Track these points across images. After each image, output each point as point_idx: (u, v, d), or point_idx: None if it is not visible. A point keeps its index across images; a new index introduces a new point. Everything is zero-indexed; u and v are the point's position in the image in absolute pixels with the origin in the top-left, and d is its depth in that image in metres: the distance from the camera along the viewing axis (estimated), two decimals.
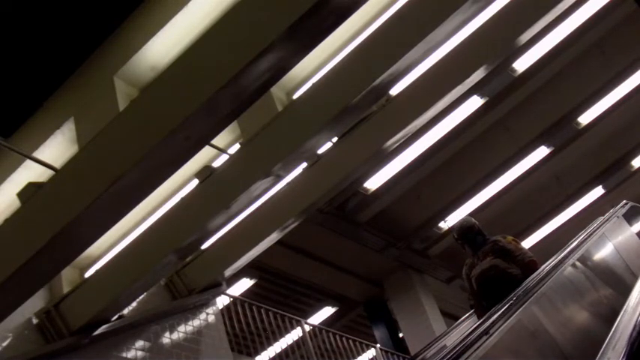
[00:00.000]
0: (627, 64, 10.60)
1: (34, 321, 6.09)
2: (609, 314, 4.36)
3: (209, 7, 6.09)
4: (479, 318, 5.45)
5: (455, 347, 3.34)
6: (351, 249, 11.93)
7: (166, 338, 6.87)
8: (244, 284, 11.54)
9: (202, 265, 7.35)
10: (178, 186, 7.19)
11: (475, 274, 5.66)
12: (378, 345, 11.22)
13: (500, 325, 3.35)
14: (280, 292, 12.66)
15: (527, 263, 5.46)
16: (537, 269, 5.11)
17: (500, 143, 11.10)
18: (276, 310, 9.04)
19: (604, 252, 5.86)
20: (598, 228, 6.05)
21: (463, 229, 5.97)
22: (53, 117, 6.93)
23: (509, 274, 5.41)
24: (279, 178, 5.80)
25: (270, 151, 5.65)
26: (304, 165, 6.60)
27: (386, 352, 10.93)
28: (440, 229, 12.44)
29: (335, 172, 6.55)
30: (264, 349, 9.16)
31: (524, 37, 5.71)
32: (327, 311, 13.71)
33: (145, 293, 6.69)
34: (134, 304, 6.71)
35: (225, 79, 3.88)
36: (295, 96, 6.56)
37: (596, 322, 4.51)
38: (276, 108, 6.15)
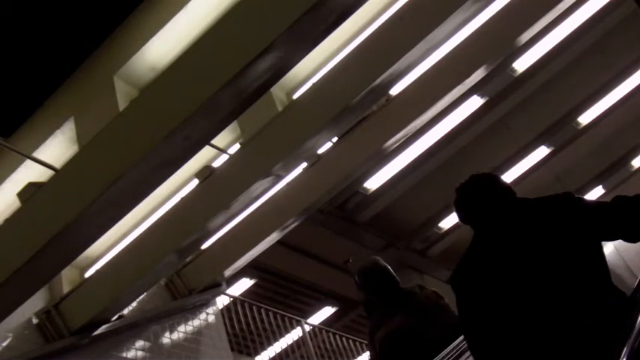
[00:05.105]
0: (627, 64, 10.58)
1: (34, 321, 6.09)
2: None
3: (209, 7, 6.09)
4: None
5: (455, 347, 3.33)
6: (352, 249, 11.91)
7: (166, 338, 6.87)
8: (244, 284, 11.52)
9: (202, 265, 7.34)
10: (178, 186, 7.19)
11: (379, 336, 4.14)
12: None
13: None
14: (280, 292, 12.64)
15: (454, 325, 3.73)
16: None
17: (500, 143, 11.08)
18: (276, 310, 9.04)
19: (604, 252, 5.84)
20: None
21: (366, 274, 4.33)
22: (53, 117, 6.93)
23: (424, 339, 3.89)
24: (279, 178, 5.80)
25: (270, 151, 5.64)
26: (304, 165, 6.60)
27: None
28: (440, 229, 12.42)
29: (335, 172, 6.54)
30: (264, 349, 9.15)
31: (524, 37, 5.72)
32: (327, 311, 13.69)
33: (145, 293, 6.69)
34: (134, 304, 6.71)
35: (225, 79, 3.88)
36: (295, 96, 6.55)
37: None
38: (276, 108, 6.15)
